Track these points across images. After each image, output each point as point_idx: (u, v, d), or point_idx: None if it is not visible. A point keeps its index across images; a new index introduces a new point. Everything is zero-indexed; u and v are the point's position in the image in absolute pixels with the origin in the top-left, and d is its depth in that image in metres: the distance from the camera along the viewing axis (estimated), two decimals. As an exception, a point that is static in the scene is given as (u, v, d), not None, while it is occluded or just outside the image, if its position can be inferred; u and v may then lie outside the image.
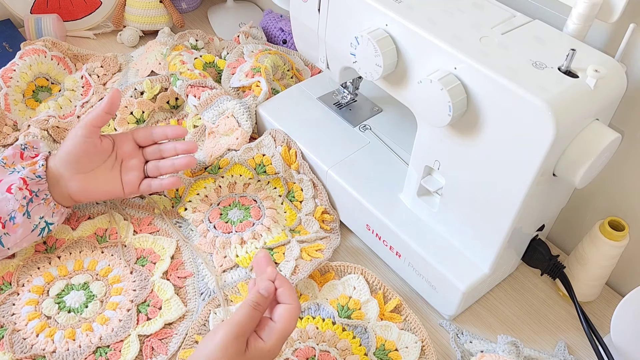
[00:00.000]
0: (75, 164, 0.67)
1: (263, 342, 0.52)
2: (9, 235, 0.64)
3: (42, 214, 0.66)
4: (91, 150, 0.68)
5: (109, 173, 0.70)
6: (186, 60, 0.89)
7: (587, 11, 0.54)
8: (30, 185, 0.64)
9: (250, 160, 0.78)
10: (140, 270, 0.69)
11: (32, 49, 0.91)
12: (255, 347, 0.51)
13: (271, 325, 0.53)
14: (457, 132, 0.57)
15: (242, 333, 0.51)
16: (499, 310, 0.69)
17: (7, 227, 0.63)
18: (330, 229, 0.75)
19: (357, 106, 0.82)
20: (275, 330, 0.53)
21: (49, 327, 0.63)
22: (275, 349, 0.52)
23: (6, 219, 0.63)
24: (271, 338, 0.52)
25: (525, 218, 0.59)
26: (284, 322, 0.53)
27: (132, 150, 0.71)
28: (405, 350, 0.63)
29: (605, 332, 0.65)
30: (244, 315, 0.52)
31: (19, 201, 0.63)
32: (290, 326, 0.53)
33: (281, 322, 0.53)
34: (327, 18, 0.68)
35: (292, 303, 0.54)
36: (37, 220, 0.65)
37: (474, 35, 0.55)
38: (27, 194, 0.64)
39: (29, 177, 0.65)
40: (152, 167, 0.72)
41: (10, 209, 0.63)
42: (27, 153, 0.69)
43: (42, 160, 0.67)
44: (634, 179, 0.65)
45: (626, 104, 0.59)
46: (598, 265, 0.65)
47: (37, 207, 0.65)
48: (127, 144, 0.71)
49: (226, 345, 0.50)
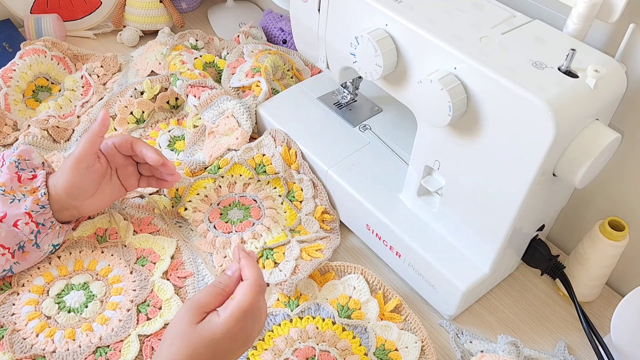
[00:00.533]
0: (83, 194, 0.67)
1: (217, 317, 0.51)
2: (19, 263, 0.65)
3: (50, 240, 0.66)
4: (95, 176, 0.67)
5: (110, 184, 0.70)
6: (186, 60, 0.89)
7: (587, 11, 0.54)
8: (36, 217, 0.64)
9: (250, 160, 0.78)
10: (140, 270, 0.69)
11: (32, 49, 0.91)
12: (209, 320, 0.51)
13: (228, 302, 0.52)
14: (457, 132, 0.57)
15: (198, 306, 0.51)
16: (499, 310, 0.69)
17: (16, 256, 0.64)
18: (330, 229, 0.75)
19: (357, 106, 0.82)
20: (230, 305, 0.51)
21: (49, 327, 0.63)
22: (232, 325, 0.50)
23: (15, 248, 0.63)
24: (225, 312, 0.51)
25: (525, 218, 0.59)
26: (238, 297, 0.51)
27: (122, 160, 0.71)
28: (405, 350, 0.63)
29: (605, 332, 0.65)
30: (204, 291, 0.52)
31: (27, 235, 0.64)
32: (245, 302, 0.51)
33: (236, 296, 0.51)
34: (327, 18, 0.68)
35: (249, 278, 0.52)
36: (46, 248, 0.66)
37: (474, 35, 0.55)
38: (33, 228, 0.64)
39: (34, 211, 0.64)
40: (146, 167, 0.72)
41: (19, 241, 0.63)
42: (24, 175, 0.66)
43: (43, 187, 0.65)
44: (634, 179, 0.65)
45: (626, 104, 0.59)
46: (598, 265, 0.65)
47: (45, 237, 0.66)
48: (117, 157, 0.70)
49: (181, 317, 0.51)
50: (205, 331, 0.50)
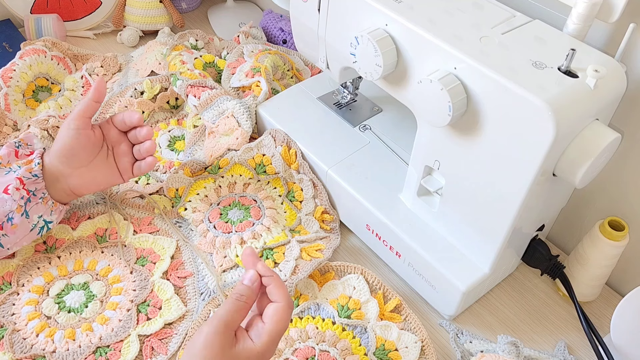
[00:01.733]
0: (73, 159, 0.67)
1: (252, 343, 0.49)
2: (7, 236, 0.64)
3: (41, 212, 0.66)
4: (86, 142, 0.67)
5: (106, 162, 0.70)
6: (186, 60, 0.89)
7: (587, 11, 0.54)
8: (27, 184, 0.64)
9: (250, 160, 0.78)
10: (140, 270, 0.69)
11: (32, 49, 0.91)
12: (244, 347, 0.49)
13: (260, 326, 0.51)
14: (457, 132, 0.57)
15: (226, 327, 0.49)
16: (499, 310, 0.69)
17: (5, 228, 0.63)
18: (330, 229, 0.75)
19: (357, 106, 0.82)
20: (265, 330, 0.50)
21: (49, 327, 0.63)
22: (266, 350, 0.49)
23: (3, 220, 0.63)
24: (261, 339, 0.49)
25: (525, 218, 0.59)
26: (272, 323, 0.50)
27: (117, 136, 0.70)
28: (405, 350, 0.63)
29: (605, 332, 0.65)
30: (227, 309, 0.50)
31: (17, 201, 0.63)
32: (280, 326, 0.50)
33: (270, 322, 0.50)
34: (327, 18, 0.68)
35: (281, 302, 0.51)
36: (35, 220, 0.65)
37: (474, 35, 0.55)
38: (24, 194, 0.64)
39: (26, 177, 0.64)
40: (135, 150, 0.72)
41: (8, 210, 0.63)
42: (22, 151, 0.68)
43: (37, 158, 0.66)
44: (634, 179, 0.65)
45: (626, 103, 0.59)
46: (598, 265, 0.65)
47: (35, 206, 0.65)
48: (112, 130, 0.70)
49: (211, 341, 0.48)
50: (241, 357, 0.48)
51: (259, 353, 0.49)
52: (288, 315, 0.51)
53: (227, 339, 0.48)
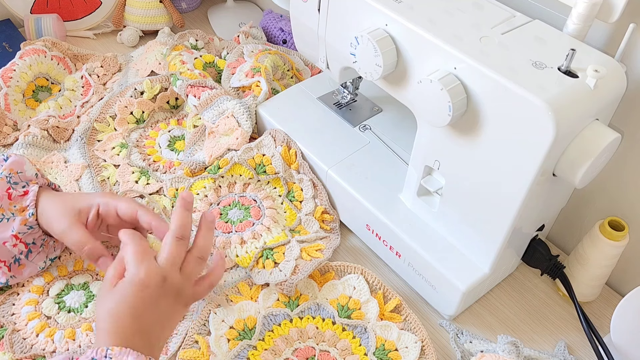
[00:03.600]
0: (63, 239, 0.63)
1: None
2: (15, 277, 0.64)
3: (45, 256, 0.66)
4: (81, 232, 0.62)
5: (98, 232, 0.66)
6: (186, 60, 0.89)
7: (587, 11, 0.54)
8: (24, 238, 0.62)
9: (250, 160, 0.78)
10: (140, 270, 0.69)
11: (32, 49, 0.91)
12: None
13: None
14: (457, 132, 0.57)
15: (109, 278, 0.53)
16: (499, 310, 0.69)
17: (12, 270, 0.63)
18: (330, 229, 0.75)
19: (357, 106, 0.82)
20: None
21: (49, 327, 0.63)
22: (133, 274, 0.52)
23: (10, 261, 0.62)
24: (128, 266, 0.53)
25: (525, 218, 0.59)
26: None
27: (118, 221, 0.64)
28: (405, 350, 0.63)
29: (605, 332, 0.65)
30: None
31: (18, 255, 0.63)
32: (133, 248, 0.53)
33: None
34: (327, 18, 0.68)
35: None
36: (41, 265, 0.66)
37: (474, 35, 0.55)
38: (22, 249, 0.62)
39: (21, 232, 0.61)
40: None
41: (14, 254, 0.62)
42: (15, 192, 0.62)
43: (32, 207, 0.62)
44: (634, 179, 0.65)
45: (626, 104, 0.59)
46: (598, 265, 0.65)
47: (38, 255, 0.65)
48: (112, 219, 0.64)
49: (103, 288, 0.53)
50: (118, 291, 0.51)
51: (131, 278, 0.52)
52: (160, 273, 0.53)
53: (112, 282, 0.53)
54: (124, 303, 0.50)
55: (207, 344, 0.62)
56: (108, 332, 0.49)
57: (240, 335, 0.63)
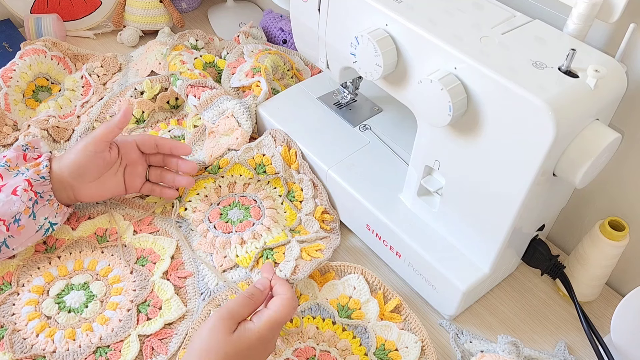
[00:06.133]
0: (84, 176, 0.68)
1: (252, 323, 0.54)
2: (14, 237, 0.65)
3: (47, 214, 0.67)
4: (101, 163, 0.69)
5: (114, 177, 0.71)
6: (186, 60, 0.89)
7: (587, 11, 0.54)
8: (35, 186, 0.65)
9: (250, 160, 0.78)
10: (140, 270, 0.69)
11: (32, 49, 0.91)
12: (243, 327, 0.53)
13: (262, 311, 0.55)
14: (457, 132, 0.57)
15: (231, 316, 0.53)
16: (499, 310, 0.69)
17: (11, 229, 0.64)
18: (330, 229, 0.75)
19: (357, 106, 0.82)
20: (265, 314, 0.55)
21: (49, 327, 0.63)
22: (265, 334, 0.53)
23: (10, 221, 0.63)
24: (260, 320, 0.54)
25: (526, 218, 0.59)
26: (273, 308, 0.55)
27: (137, 158, 0.73)
28: (405, 350, 0.63)
29: (605, 332, 0.65)
30: (235, 301, 0.55)
31: (25, 203, 0.64)
32: (280, 313, 0.55)
33: (271, 307, 0.55)
34: (327, 18, 0.68)
35: (285, 293, 0.56)
36: (41, 221, 0.66)
37: (474, 35, 0.55)
38: (32, 195, 0.65)
39: (34, 179, 0.65)
40: (155, 174, 0.75)
41: (16, 211, 0.63)
42: (30, 154, 0.69)
43: (45, 161, 0.67)
44: (634, 179, 0.65)
45: (626, 104, 0.59)
46: (598, 265, 0.65)
47: (42, 208, 0.66)
48: (133, 152, 0.72)
49: (214, 325, 0.52)
50: (242, 339, 0.52)
51: (258, 334, 0.53)
52: (290, 305, 0.56)
53: (230, 325, 0.53)
54: (243, 355, 0.52)
55: (207, 344, 0.62)
56: None
57: (240, 335, 0.63)
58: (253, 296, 0.56)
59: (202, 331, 0.53)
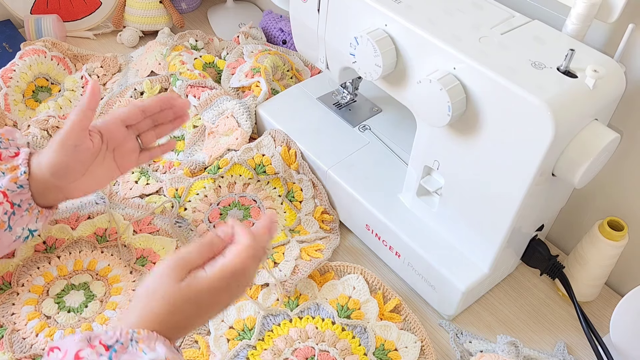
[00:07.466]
0: (69, 176, 0.61)
1: (203, 272, 0.48)
2: None
3: (25, 223, 0.61)
4: (84, 157, 0.61)
5: (102, 165, 0.64)
6: (186, 61, 0.89)
7: (586, 11, 0.54)
8: (12, 197, 0.58)
9: (250, 160, 0.78)
10: (140, 270, 0.69)
11: (32, 49, 0.91)
12: (193, 276, 0.48)
13: (216, 259, 0.49)
14: (457, 132, 0.57)
15: (183, 263, 0.48)
16: (499, 310, 0.69)
17: None
18: (330, 229, 0.75)
19: (357, 106, 0.82)
20: (218, 263, 0.48)
21: (48, 327, 0.63)
22: (214, 283, 0.48)
23: None
24: (212, 269, 0.48)
25: (525, 218, 0.59)
26: (228, 256, 0.49)
27: (124, 136, 0.64)
28: (404, 350, 0.63)
29: (604, 332, 0.65)
30: (189, 249, 0.49)
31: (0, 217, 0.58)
32: (234, 262, 0.48)
33: (226, 256, 0.49)
34: (327, 18, 0.68)
35: (243, 241, 0.49)
36: (19, 232, 0.60)
37: (473, 35, 0.55)
38: (8, 208, 0.58)
39: (10, 189, 0.58)
40: (149, 138, 0.67)
41: None
42: (5, 153, 0.61)
43: (24, 166, 0.60)
44: (633, 179, 0.65)
45: (625, 104, 0.59)
46: (597, 265, 0.65)
47: (20, 219, 0.60)
48: (118, 132, 0.64)
49: (163, 271, 0.47)
50: (190, 287, 0.47)
51: (208, 283, 0.47)
52: (247, 253, 0.49)
53: (179, 273, 0.47)
54: (191, 303, 0.47)
55: (206, 343, 0.62)
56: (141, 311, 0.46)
57: (239, 335, 0.63)
58: (212, 244, 0.50)
59: (151, 276, 0.48)
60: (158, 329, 0.45)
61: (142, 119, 0.65)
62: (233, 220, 0.52)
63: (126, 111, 0.64)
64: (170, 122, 0.68)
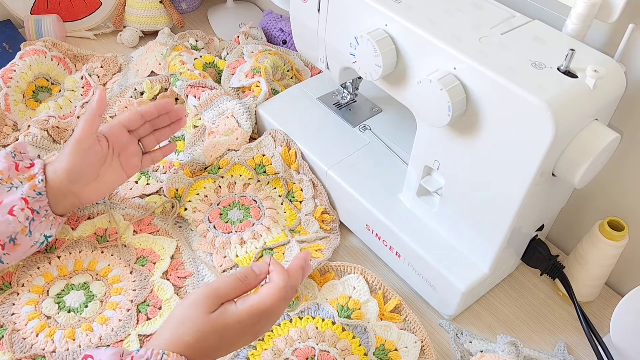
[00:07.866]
0: (83, 178, 0.67)
1: (234, 306, 0.50)
2: (9, 254, 0.63)
3: (43, 229, 0.65)
4: (96, 159, 0.67)
5: (111, 168, 0.69)
6: (186, 61, 0.89)
7: (586, 11, 0.54)
8: (32, 204, 0.63)
9: (250, 160, 0.78)
10: (140, 270, 0.69)
11: (32, 50, 0.91)
12: (224, 308, 0.50)
13: (249, 296, 0.52)
14: (457, 132, 0.57)
15: (215, 294, 0.50)
16: (499, 310, 0.69)
17: (6, 247, 0.62)
18: (330, 229, 0.75)
19: (357, 106, 0.82)
20: (250, 299, 0.51)
21: (48, 327, 0.63)
22: (246, 320, 0.50)
23: (5, 240, 0.62)
24: (244, 305, 0.50)
25: (525, 218, 0.59)
26: (259, 295, 0.51)
27: (127, 140, 0.70)
28: (404, 350, 0.63)
29: (604, 332, 0.65)
30: (224, 280, 0.52)
31: (22, 223, 0.62)
32: (266, 301, 0.51)
33: (258, 294, 0.51)
34: (327, 18, 0.68)
35: (277, 282, 0.52)
36: (37, 237, 0.65)
37: (473, 35, 0.55)
38: (29, 214, 0.62)
39: (30, 196, 0.63)
40: (150, 143, 0.73)
41: (11, 231, 0.61)
42: (21, 164, 0.66)
43: (40, 174, 0.65)
44: (633, 179, 0.65)
45: (625, 104, 0.59)
46: (597, 265, 0.65)
47: (39, 225, 0.64)
48: (122, 136, 0.69)
49: (196, 302, 0.50)
50: (219, 319, 0.50)
51: (238, 318, 0.50)
52: (280, 295, 0.51)
53: (211, 305, 0.50)
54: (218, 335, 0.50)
55: (206, 343, 0.62)
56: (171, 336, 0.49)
57: (240, 335, 0.63)
58: (246, 279, 0.52)
59: (184, 303, 0.50)
60: (185, 353, 0.48)
61: (142, 124, 0.71)
62: (270, 258, 0.56)
63: (127, 116, 0.70)
64: (168, 126, 0.74)
